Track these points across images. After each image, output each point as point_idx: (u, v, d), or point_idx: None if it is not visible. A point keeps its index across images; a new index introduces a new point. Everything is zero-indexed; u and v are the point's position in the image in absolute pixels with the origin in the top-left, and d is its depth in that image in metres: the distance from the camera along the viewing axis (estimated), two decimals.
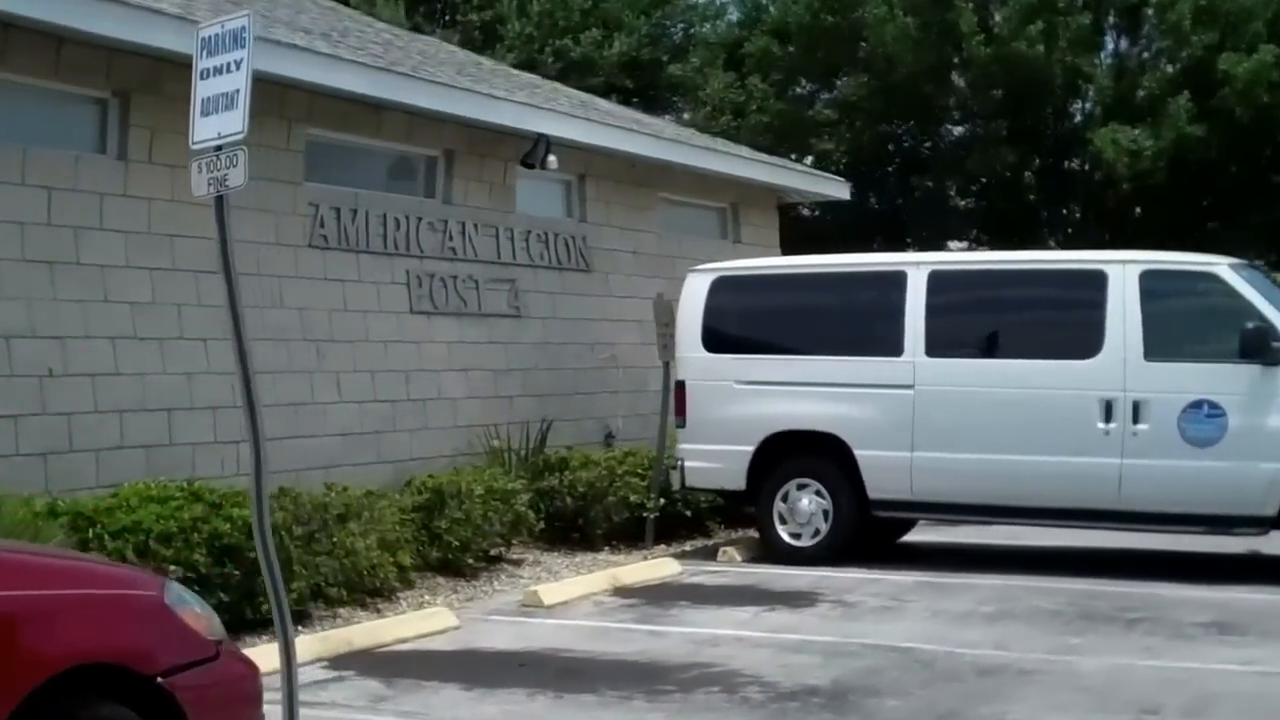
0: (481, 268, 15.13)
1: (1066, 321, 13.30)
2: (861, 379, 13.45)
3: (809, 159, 27.61)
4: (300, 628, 10.12)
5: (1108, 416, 12.52)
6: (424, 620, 10.63)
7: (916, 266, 13.63)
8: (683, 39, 32.10)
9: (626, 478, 14.39)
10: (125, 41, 11.25)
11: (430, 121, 14.40)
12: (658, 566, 13.23)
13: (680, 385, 14.17)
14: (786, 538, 13.73)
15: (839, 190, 21.03)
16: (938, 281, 13.40)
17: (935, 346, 13.24)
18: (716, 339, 14.06)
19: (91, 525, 9.88)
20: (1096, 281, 12.88)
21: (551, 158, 15.24)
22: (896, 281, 13.50)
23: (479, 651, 9.98)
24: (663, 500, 14.42)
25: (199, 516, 10.01)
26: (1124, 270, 12.78)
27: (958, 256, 14.05)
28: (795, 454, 13.73)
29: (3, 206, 10.78)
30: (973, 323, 13.56)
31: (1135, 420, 12.42)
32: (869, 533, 14.51)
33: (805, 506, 13.64)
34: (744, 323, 14.28)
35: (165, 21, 11.31)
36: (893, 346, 13.36)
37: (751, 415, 13.76)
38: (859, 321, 13.90)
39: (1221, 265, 12.85)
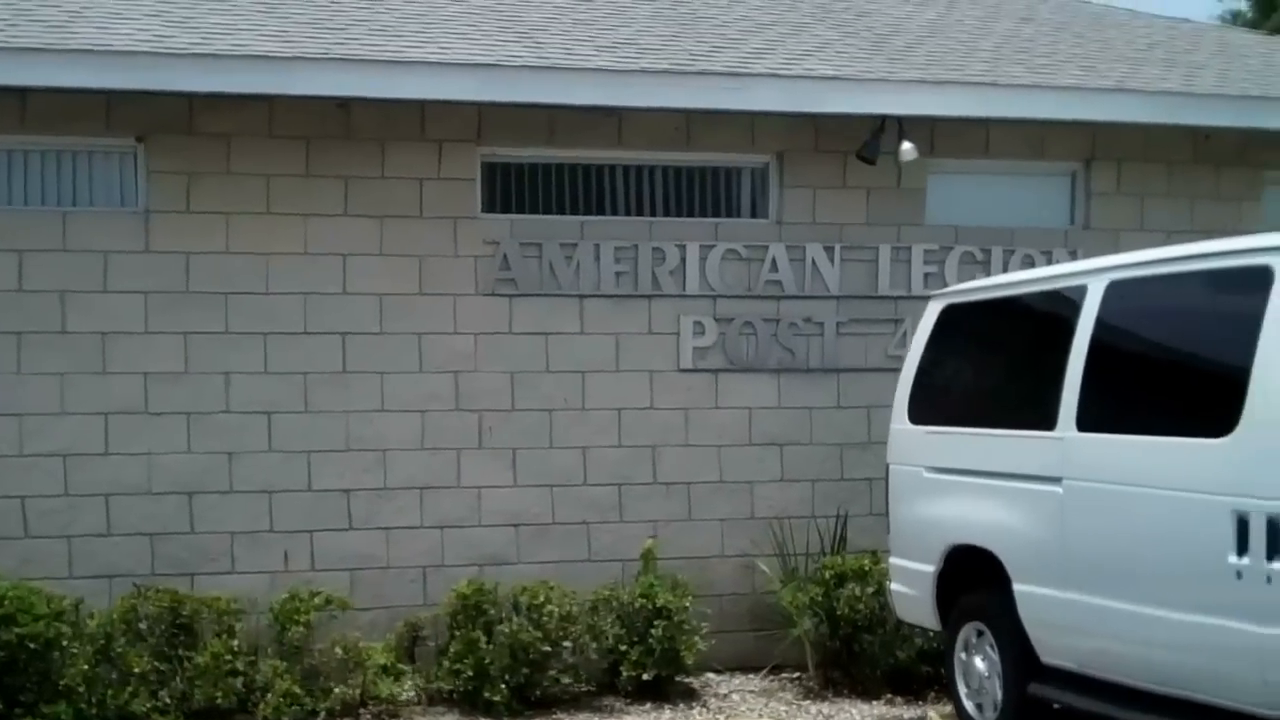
0: (836, 305, 11.30)
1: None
2: (1009, 465, 8.07)
3: None
4: None
5: (1241, 545, 6.41)
6: None
7: (1097, 275, 7.79)
8: None
9: None
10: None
11: (722, 118, 11.14)
12: None
13: (887, 470, 9.47)
14: (970, 708, 8.63)
15: None
16: (1119, 299, 7.55)
17: (1093, 413, 7.54)
18: (920, 403, 9.14)
19: None
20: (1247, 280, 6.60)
21: (906, 145, 10.91)
22: (1068, 304, 7.84)
23: None
24: None
25: None
26: None
27: (1163, 254, 7.75)
28: (972, 582, 8.58)
29: None
30: (1161, 369, 7.45)
31: None
32: None
33: (979, 666, 8.50)
34: (951, 376, 9.11)
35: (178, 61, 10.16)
36: (1044, 413, 7.81)
37: (935, 519, 8.78)
38: (1020, 372, 8.41)
39: None
